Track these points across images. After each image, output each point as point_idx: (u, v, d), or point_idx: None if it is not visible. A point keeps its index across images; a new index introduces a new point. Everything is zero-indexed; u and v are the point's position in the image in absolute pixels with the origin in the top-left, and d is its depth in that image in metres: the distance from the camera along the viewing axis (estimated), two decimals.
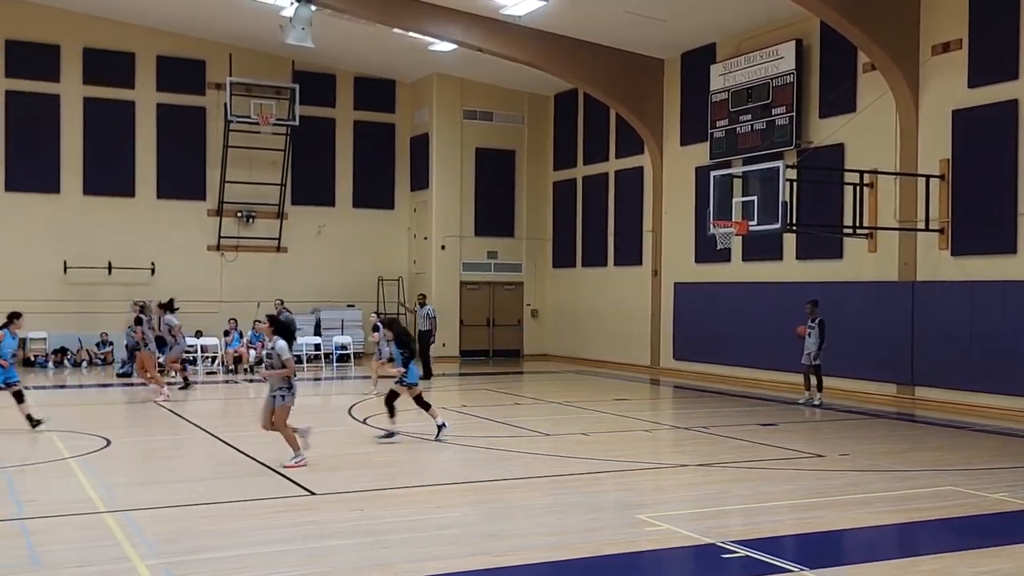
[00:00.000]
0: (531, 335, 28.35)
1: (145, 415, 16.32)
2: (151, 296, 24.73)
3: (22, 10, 23.72)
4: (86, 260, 24.34)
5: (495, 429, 14.03)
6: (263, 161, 26.21)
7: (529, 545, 7.79)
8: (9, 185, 23.86)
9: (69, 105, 24.44)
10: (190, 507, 9.00)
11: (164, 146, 25.42)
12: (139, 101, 25.17)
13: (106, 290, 24.36)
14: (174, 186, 25.51)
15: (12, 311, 14.01)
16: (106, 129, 24.74)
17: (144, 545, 7.55)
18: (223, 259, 26.02)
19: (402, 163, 28.30)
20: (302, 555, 7.43)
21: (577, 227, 26.96)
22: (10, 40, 23.76)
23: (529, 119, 28.05)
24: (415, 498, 9.50)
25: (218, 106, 25.62)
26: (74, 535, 8.03)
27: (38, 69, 24.00)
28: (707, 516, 8.86)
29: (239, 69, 25.38)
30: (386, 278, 27.86)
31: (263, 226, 26.43)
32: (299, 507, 9.05)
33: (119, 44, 24.81)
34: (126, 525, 8.15)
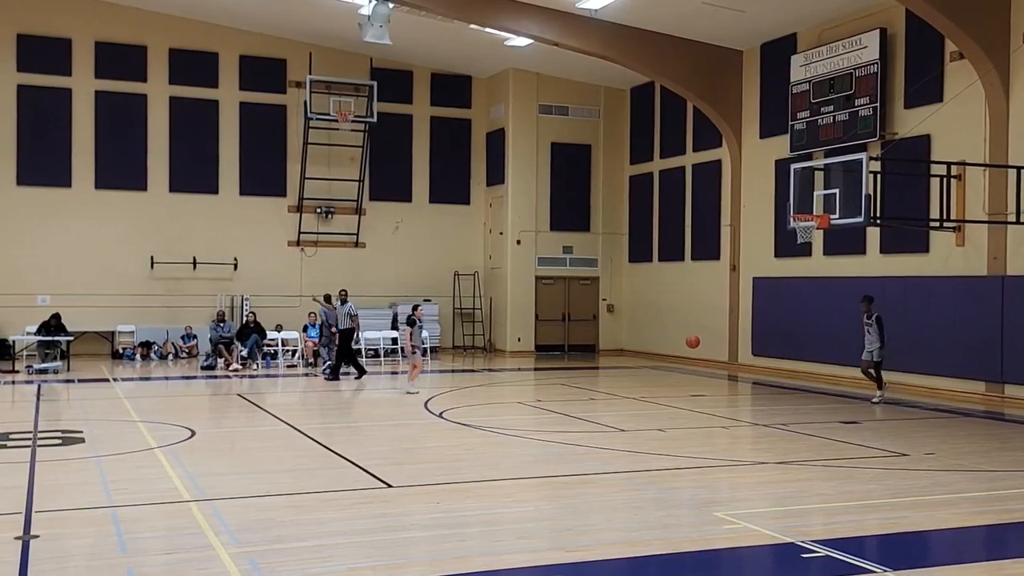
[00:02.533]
0: (607, 330, 28.22)
1: (228, 407, 16.74)
2: (234, 291, 25.47)
3: (112, 12, 24.49)
4: (172, 255, 25.04)
5: (570, 424, 14.00)
6: (342, 158, 26.60)
7: (605, 541, 7.76)
8: (99, 183, 24.67)
9: (156, 104, 25.16)
10: (271, 497, 9.18)
11: (246, 144, 25.99)
12: (223, 100, 25.78)
13: (191, 285, 25.03)
14: (256, 183, 26.07)
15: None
16: (191, 128, 25.41)
17: (227, 534, 7.73)
18: (303, 254, 26.50)
19: (478, 158, 28.43)
20: (380, 546, 7.52)
21: (654, 221, 26.72)
22: (100, 42, 24.55)
23: (605, 113, 27.89)
24: (491, 492, 9.54)
25: (298, 104, 26.08)
26: (161, 523, 8.27)
27: (126, 69, 24.75)
28: (786, 515, 8.70)
29: (319, 67, 25.80)
30: (462, 273, 28.04)
31: (341, 222, 26.84)
32: (377, 499, 9.17)
33: (203, 44, 25.44)
34: (210, 514, 8.35)
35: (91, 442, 12.08)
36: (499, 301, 27.58)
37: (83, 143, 24.52)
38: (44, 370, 20.64)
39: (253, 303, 24.92)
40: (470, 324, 28.16)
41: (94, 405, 16.13)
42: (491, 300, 28.05)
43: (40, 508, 8.48)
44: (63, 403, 16.62)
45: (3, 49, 23.77)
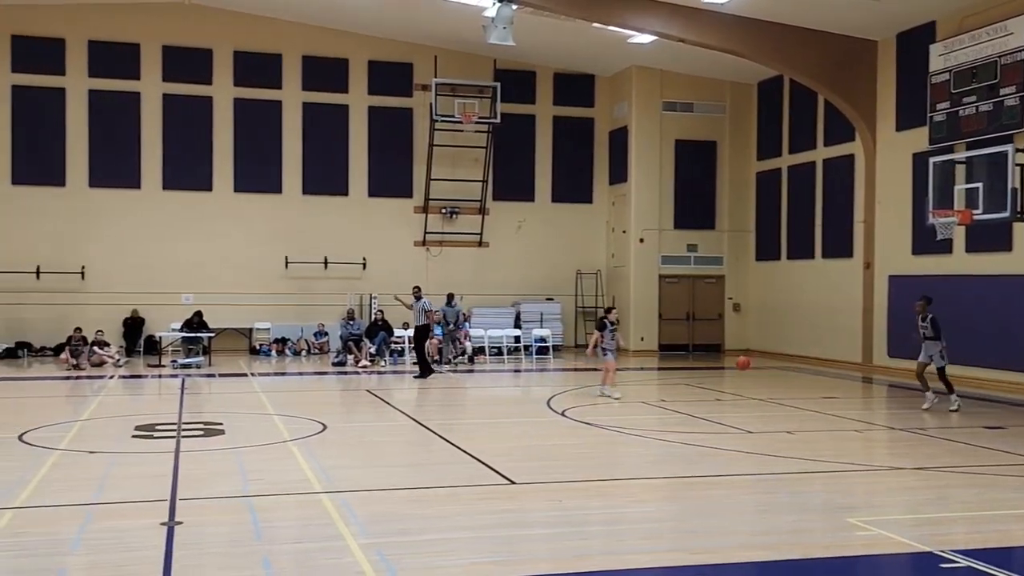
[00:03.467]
0: (733, 330, 27.66)
1: (358, 402, 17.19)
2: (363, 290, 26.15)
3: (248, 22, 25.51)
4: (305, 256, 25.90)
5: (695, 425, 13.78)
6: (466, 158, 26.95)
7: (731, 544, 7.60)
8: (238, 187, 25.75)
9: (290, 110, 26.08)
10: (399, 491, 9.38)
11: (375, 147, 26.65)
12: (352, 105, 26.51)
13: (322, 284, 25.83)
14: (383, 185, 26.70)
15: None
16: (323, 132, 26.23)
17: (356, 525, 7.93)
18: (428, 254, 26.98)
19: (600, 157, 28.33)
20: (502, 542, 7.58)
21: (782, 218, 26.03)
22: (239, 51, 25.61)
23: (731, 109, 27.35)
24: (613, 491, 9.49)
25: (424, 106, 26.56)
26: (293, 513, 8.56)
27: (263, 77, 25.74)
28: (925, 522, 8.33)
29: (444, 70, 26.21)
30: (584, 272, 27.98)
31: (466, 222, 27.19)
32: (500, 495, 9.24)
33: (334, 51, 26.22)
34: (340, 506, 8.59)
35: (230, 434, 12.61)
36: (622, 300, 27.39)
37: (223, 149, 25.64)
38: (188, 365, 21.68)
39: (381, 301, 25.54)
40: (593, 323, 28.02)
41: (233, 399, 16.84)
42: (614, 299, 27.86)
43: (184, 496, 8.91)
44: (205, 396, 17.41)
45: (151, 60, 25.06)
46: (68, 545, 7.36)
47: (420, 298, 20.50)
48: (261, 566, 6.88)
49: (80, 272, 24.44)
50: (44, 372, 21.08)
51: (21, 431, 12.37)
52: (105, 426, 13.40)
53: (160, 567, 6.79)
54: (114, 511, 8.50)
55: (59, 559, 7.00)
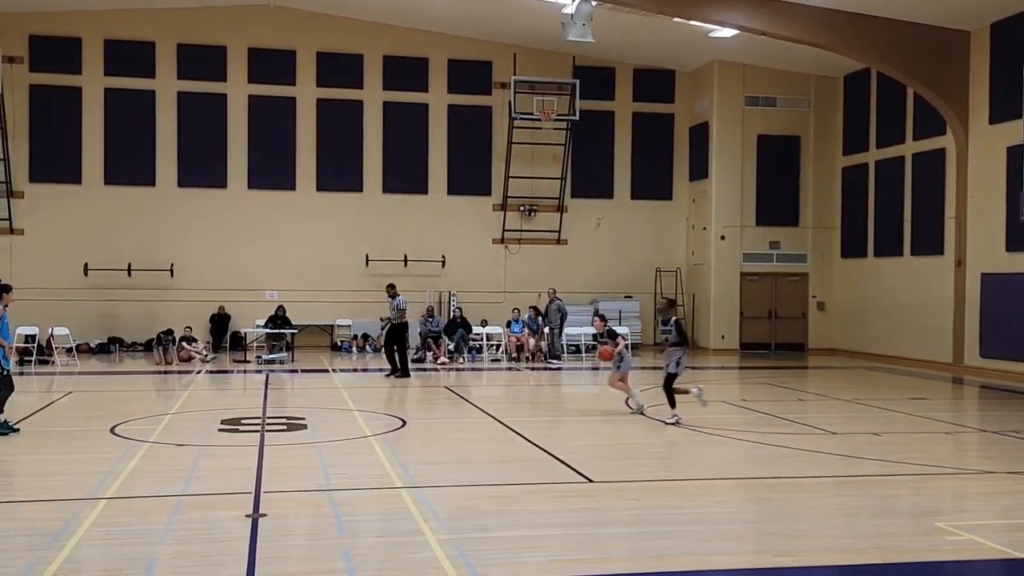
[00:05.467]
0: (817, 328, 27.07)
1: (436, 399, 17.33)
2: (442, 287, 26.36)
3: (330, 23, 25.93)
4: (385, 253, 26.23)
5: (777, 425, 13.53)
6: (544, 156, 26.94)
7: (814, 547, 7.43)
8: (320, 185, 26.20)
9: (371, 109, 26.43)
10: (478, 487, 9.42)
11: (454, 145, 26.84)
12: (432, 103, 26.74)
13: (402, 281, 25.94)
14: (463, 183, 26.87)
15: (2, 283, 12.72)
16: (403, 131, 26.52)
17: (436, 521, 7.99)
18: (507, 251, 27.06)
19: (680, 153, 28.03)
20: (581, 540, 7.56)
21: (869, 215, 25.37)
22: (321, 52, 26.05)
23: (816, 103, 26.76)
24: (693, 491, 9.37)
25: (503, 104, 26.64)
26: (374, 507, 8.66)
27: (344, 78, 26.14)
28: (1018, 528, 8.02)
29: (523, 68, 26.25)
30: (663, 269, 27.72)
31: (544, 219, 27.18)
32: (578, 493, 9.21)
33: (414, 50, 26.47)
34: (420, 501, 8.67)
35: (312, 428, 12.84)
36: (702, 298, 27.07)
37: (306, 149, 26.12)
38: (272, 360, 22.15)
39: (459, 299, 25.70)
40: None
41: (315, 394, 17.15)
42: (694, 297, 27.57)
43: (268, 489, 9.09)
44: (288, 391, 17.76)
45: (238, 63, 25.67)
46: (158, 535, 7.58)
47: (396, 296, 19.82)
48: (342, 559, 6.98)
49: (169, 270, 25.17)
50: (135, 367, 21.78)
51: (113, 424, 12.79)
52: (193, 419, 13.77)
53: (245, 558, 6.93)
54: (201, 502, 8.72)
55: (149, 548, 7.21)
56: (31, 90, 24.52)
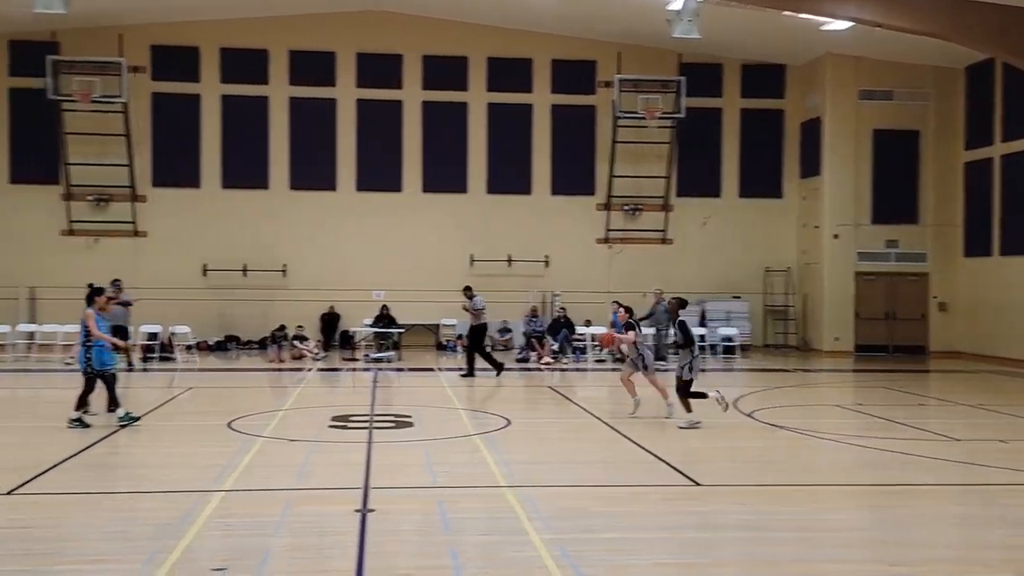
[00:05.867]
0: (938, 330, 25.99)
1: (540, 399, 17.33)
2: (545, 287, 26.37)
3: (434, 27, 26.24)
4: (489, 254, 26.39)
5: (895, 431, 13.03)
6: (649, 155, 26.66)
7: (933, 557, 7.12)
8: (426, 187, 26.55)
9: (475, 111, 26.64)
10: (583, 488, 9.37)
11: (558, 145, 26.82)
12: (535, 104, 26.78)
13: (506, 281, 26.21)
14: (566, 183, 26.82)
15: (95, 286, 13.26)
16: (507, 132, 26.64)
17: (540, 520, 7.97)
18: (611, 251, 26.89)
19: (791, 150, 27.34)
20: (688, 544, 7.43)
21: (994, 211, 24.22)
22: (426, 55, 26.39)
23: (936, 95, 25.72)
24: (804, 497, 9.10)
25: (607, 104, 26.48)
26: (479, 506, 8.70)
27: (449, 80, 26.41)
28: None
29: (627, 66, 26.05)
30: (773, 269, 27.09)
31: (649, 218, 26.91)
32: (685, 496, 9.06)
33: (518, 51, 26.56)
34: (524, 501, 8.67)
35: (419, 426, 13.00)
36: (814, 298, 26.34)
37: (412, 151, 26.50)
38: (379, 359, 22.55)
39: (563, 299, 25.66)
40: (782, 322, 27.14)
41: (421, 392, 17.37)
42: (805, 297, 26.85)
43: (376, 485, 9.25)
44: (395, 390, 18.05)
45: (346, 68, 26.24)
46: (272, 527, 7.78)
47: (472, 297, 19.79)
48: (448, 556, 7.03)
49: (282, 270, 25.90)
50: (250, 364, 22.49)
51: (230, 419, 13.22)
52: (304, 416, 14.12)
53: (354, 552, 7.06)
54: (312, 497, 8.93)
55: (263, 540, 7.41)
56: (153, 98, 25.58)
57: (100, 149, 25.03)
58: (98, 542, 7.34)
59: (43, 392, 18.01)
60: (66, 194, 25.13)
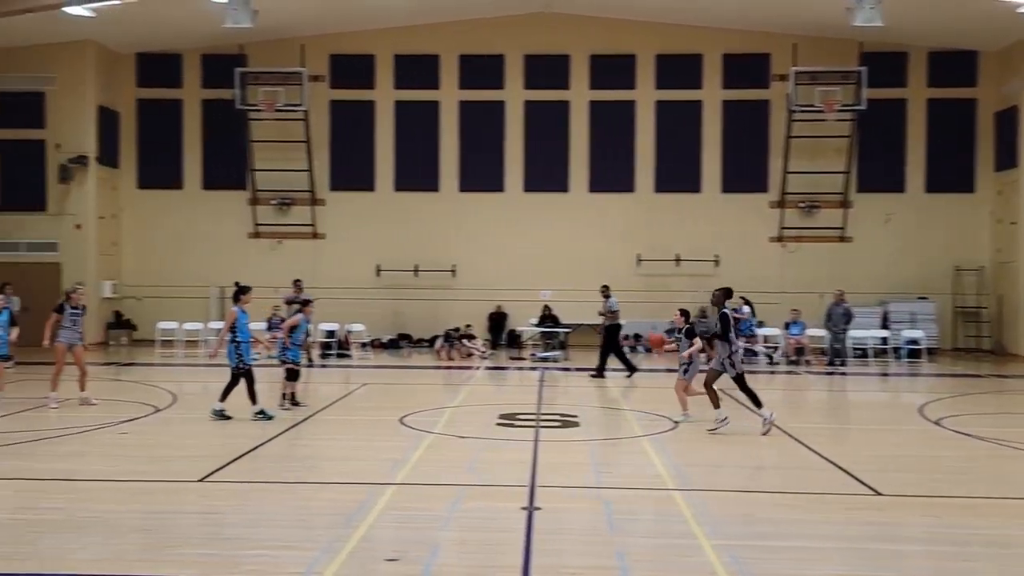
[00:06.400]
0: None
1: (705, 401, 16.87)
2: (713, 287, 25.71)
3: (603, 26, 26.15)
4: (656, 253, 26.06)
5: None
6: (826, 149, 25.62)
7: None
8: (592, 186, 26.49)
9: (643, 109, 26.39)
10: (755, 494, 9.06)
11: (729, 142, 26.19)
12: (706, 100, 26.25)
13: (674, 281, 25.81)
14: (737, 180, 26.16)
15: (241, 284, 13.49)
16: (675, 129, 26.25)
17: (710, 525, 7.75)
18: (784, 250, 25.99)
19: (984, 141, 25.63)
20: (870, 556, 7.02)
21: None
22: (594, 55, 26.33)
23: None
24: (1000, 511, 8.44)
25: (781, 97, 25.62)
26: (646, 507, 8.56)
27: (617, 79, 26.26)
28: None
29: (803, 58, 25.13)
30: (963, 268, 25.45)
31: (826, 216, 25.87)
32: (865, 506, 8.59)
33: (687, 47, 26.10)
34: (693, 504, 8.45)
35: (585, 426, 12.95)
36: (1011, 299, 24.56)
37: (579, 151, 26.53)
38: (546, 358, 22.66)
39: (734, 299, 24.99)
40: (973, 324, 25.46)
41: (588, 392, 17.31)
42: (1000, 298, 25.08)
43: (542, 483, 9.25)
44: (561, 389, 18.07)
45: (514, 70, 26.53)
46: (441, 522, 7.91)
47: (609, 297, 19.43)
48: (614, 557, 6.94)
49: (451, 270, 26.47)
50: (421, 362, 23.08)
51: (402, 415, 13.59)
52: (472, 413, 14.34)
53: (521, 549, 7.07)
54: (480, 493, 9.02)
55: (433, 534, 7.54)
56: (331, 105, 26.70)
57: (282, 155, 26.36)
58: (281, 529, 7.67)
59: None
60: (252, 199, 26.59)
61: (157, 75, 26.69)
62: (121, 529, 7.67)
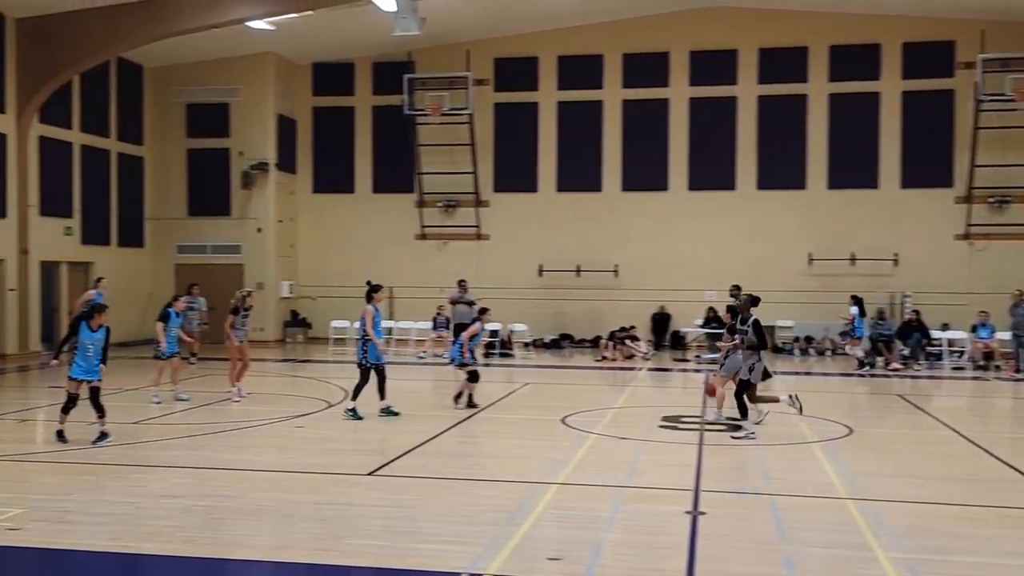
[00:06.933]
0: None
1: (887, 407, 16.09)
2: (893, 287, 24.52)
3: (771, 17, 25.33)
4: (830, 252, 25.03)
5: None
6: (1019, 140, 23.89)
7: None
8: (760, 184, 25.70)
9: (816, 103, 25.38)
10: (936, 505, 8.54)
11: (908, 135, 24.85)
12: (884, 92, 25.02)
13: (848, 281, 24.72)
14: (918, 174, 24.78)
15: (373, 283, 13.81)
16: (851, 122, 25.11)
17: (887, 537, 7.36)
18: (972, 248, 24.43)
19: None
20: None
21: None
22: (763, 48, 25.57)
23: None
24: None
25: (966, 87, 24.10)
26: (817, 516, 8.20)
27: (788, 72, 25.36)
28: None
29: (992, 44, 23.55)
30: None
31: (1017, 211, 24.15)
32: None
33: (864, 37, 24.94)
34: (868, 514, 8.05)
35: (752, 430, 12.54)
36: None
37: (746, 148, 25.77)
38: (712, 360, 22.15)
39: (915, 300, 23.71)
40: None
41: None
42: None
43: (706, 487, 9.04)
44: (726, 392, 17.59)
45: (679, 67, 26.11)
46: (603, 522, 7.86)
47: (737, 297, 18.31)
48: (783, 565, 6.69)
49: (614, 270, 26.31)
50: (582, 362, 23.05)
51: (563, 415, 13.60)
52: (635, 415, 14.19)
53: (685, 553, 6.93)
54: (643, 495, 8.91)
55: (595, 534, 7.49)
56: (495, 108, 27.07)
57: (448, 159, 26.95)
58: (446, 524, 7.81)
59: (400, 383, 19.62)
60: (419, 201, 27.31)
61: (331, 83, 27.83)
62: (295, 518, 8.01)
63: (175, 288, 23.83)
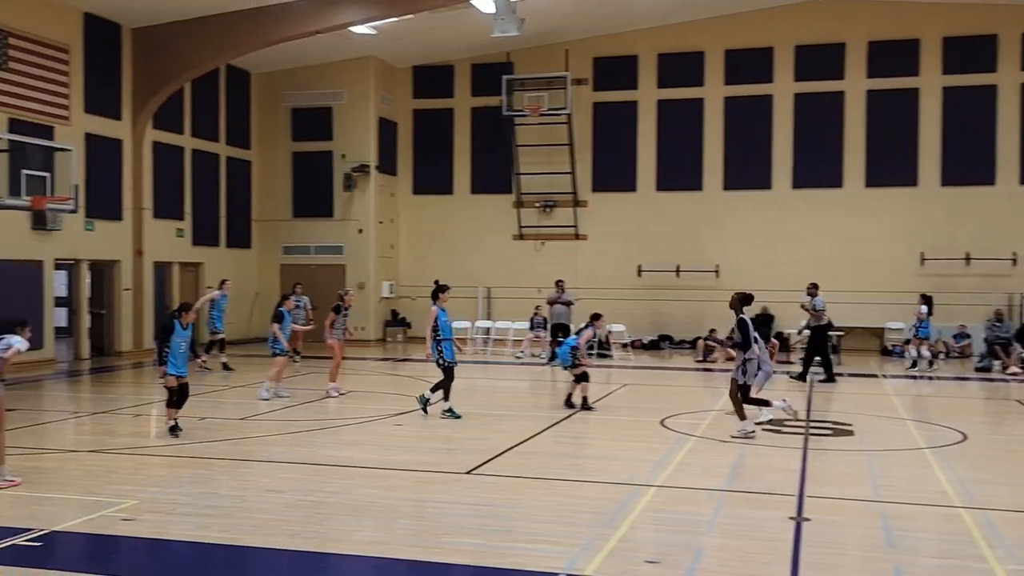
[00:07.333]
0: None
1: (1006, 413, 15.40)
2: (1011, 288, 23.44)
3: (882, 10, 24.53)
4: (943, 251, 24.10)
5: None
6: None
7: None
8: (868, 181, 24.91)
9: (928, 96, 24.45)
10: None
11: None
12: (1001, 84, 23.96)
13: (963, 281, 23.76)
14: None
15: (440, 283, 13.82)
16: (965, 116, 24.11)
17: (1003, 548, 7.03)
18: None
19: None
20: None
21: None
22: (873, 41, 24.77)
23: None
24: None
25: None
26: (929, 525, 7.91)
27: (899, 66, 24.50)
28: None
29: None
30: None
31: None
32: None
33: (979, 27, 23.93)
34: (983, 524, 7.71)
35: (859, 435, 12.19)
36: None
37: (854, 144, 24.99)
38: None
39: None
40: None
41: (862, 400, 16.29)
42: None
43: (811, 493, 8.79)
44: (833, 395, 17.12)
45: (784, 62, 25.52)
46: (703, 526, 7.72)
47: (813, 296, 18.32)
48: (892, 575, 6.44)
49: (715, 270, 25.87)
50: (682, 363, 22.73)
51: (663, 416, 13.44)
52: (734, 418, 13.88)
53: (788, 560, 6.75)
54: (744, 500, 8.73)
55: (696, 538, 7.37)
56: (594, 108, 26.94)
57: (546, 159, 26.94)
58: (544, 523, 7.79)
59: (497, 383, 19.74)
60: (517, 202, 27.38)
61: (431, 86, 28.16)
62: (395, 515, 8.12)
63: (281, 288, 24.50)
